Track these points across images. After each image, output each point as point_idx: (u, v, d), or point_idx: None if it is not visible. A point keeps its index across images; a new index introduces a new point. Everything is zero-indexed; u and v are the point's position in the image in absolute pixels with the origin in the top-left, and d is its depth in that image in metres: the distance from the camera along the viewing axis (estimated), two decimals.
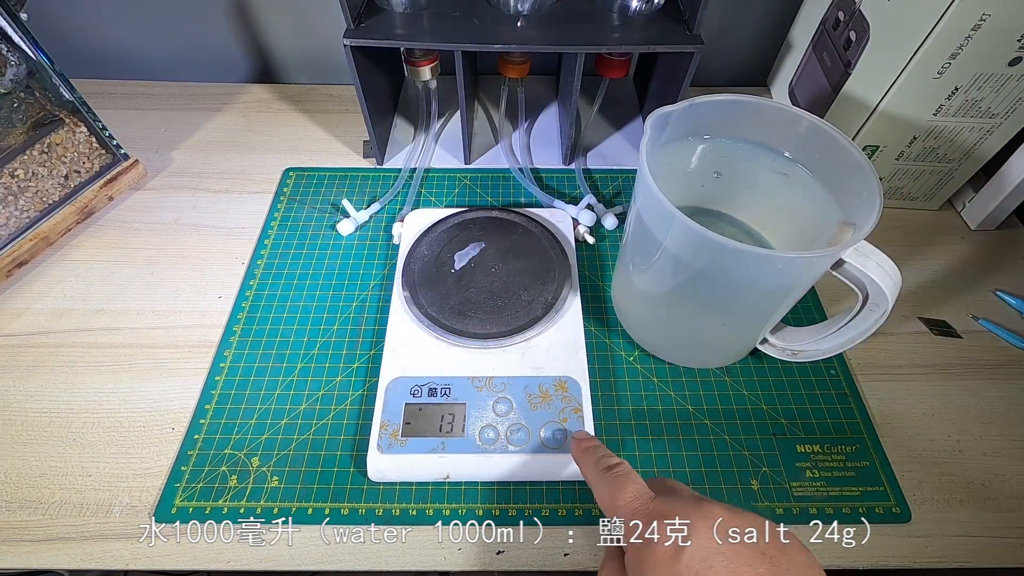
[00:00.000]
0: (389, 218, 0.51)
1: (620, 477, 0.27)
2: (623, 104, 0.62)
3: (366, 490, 0.36)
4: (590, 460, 0.30)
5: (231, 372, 0.41)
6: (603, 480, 0.28)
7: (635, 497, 0.26)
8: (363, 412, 0.39)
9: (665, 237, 0.33)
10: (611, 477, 0.28)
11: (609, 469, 0.28)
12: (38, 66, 0.44)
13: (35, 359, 0.42)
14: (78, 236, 0.49)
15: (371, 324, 0.44)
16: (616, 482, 0.27)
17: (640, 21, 0.46)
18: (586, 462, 0.30)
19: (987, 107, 0.43)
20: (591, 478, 0.29)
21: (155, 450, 0.38)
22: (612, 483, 0.27)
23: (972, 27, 0.38)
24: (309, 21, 0.61)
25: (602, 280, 0.47)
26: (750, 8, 0.60)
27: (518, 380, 0.38)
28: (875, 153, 0.48)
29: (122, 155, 0.52)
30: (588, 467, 0.30)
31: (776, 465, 0.37)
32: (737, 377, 0.41)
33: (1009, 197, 0.48)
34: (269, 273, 0.47)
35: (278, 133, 0.59)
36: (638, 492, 0.26)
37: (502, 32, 0.45)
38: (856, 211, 0.32)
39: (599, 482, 0.28)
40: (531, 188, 0.52)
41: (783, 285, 0.33)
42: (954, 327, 0.44)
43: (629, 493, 0.26)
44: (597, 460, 0.29)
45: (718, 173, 0.40)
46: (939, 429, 0.39)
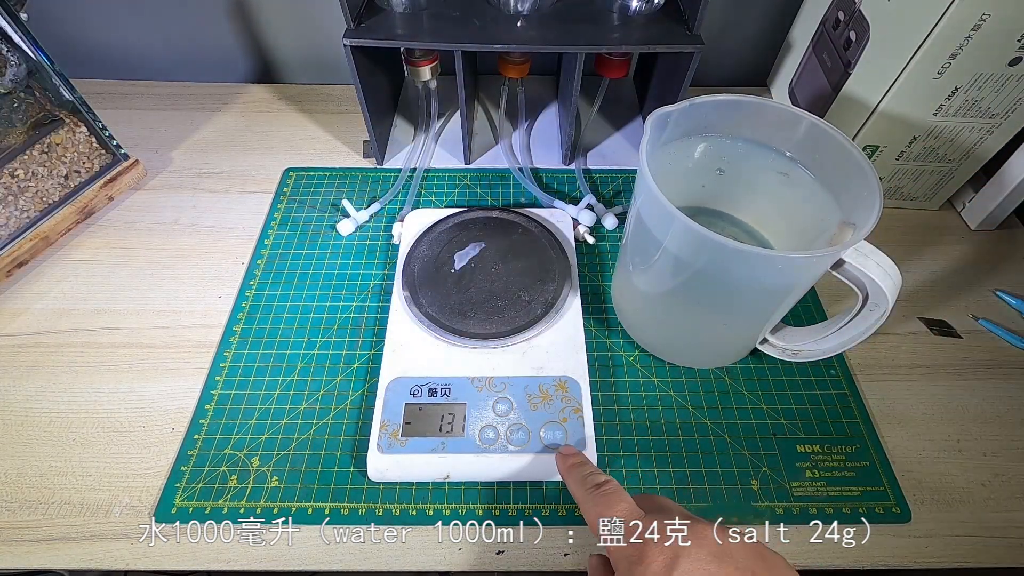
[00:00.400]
0: (389, 218, 0.51)
1: (608, 495, 0.27)
2: (623, 104, 0.62)
3: (366, 490, 0.36)
4: (576, 477, 0.30)
5: (231, 372, 0.41)
6: (591, 499, 0.28)
7: (625, 516, 0.26)
8: (363, 412, 0.39)
9: (665, 237, 0.33)
10: (599, 495, 0.27)
11: (597, 487, 0.28)
12: (38, 66, 0.44)
13: (35, 359, 0.42)
14: (78, 236, 0.49)
15: (371, 324, 0.44)
16: (604, 500, 0.27)
17: (640, 21, 0.46)
18: (573, 479, 0.30)
19: (987, 107, 0.43)
20: (578, 496, 0.29)
21: (155, 450, 0.38)
22: (600, 501, 0.27)
23: (972, 27, 0.38)
24: (309, 21, 0.61)
25: (602, 280, 0.47)
26: (750, 8, 0.60)
27: (518, 380, 0.38)
28: (875, 153, 0.48)
29: (122, 155, 0.52)
30: (575, 484, 0.30)
31: (776, 465, 0.37)
32: (737, 377, 0.41)
33: (1009, 197, 0.48)
34: (269, 273, 0.47)
35: (278, 133, 0.59)
36: (627, 511, 0.26)
37: (502, 32, 0.45)
38: (856, 211, 0.32)
39: (587, 500, 0.28)
40: (531, 188, 0.52)
41: (783, 285, 0.33)
42: (954, 327, 0.44)
43: (618, 512, 0.26)
44: (584, 478, 0.29)
45: (720, 170, 0.39)
46: (939, 429, 0.39)
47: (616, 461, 0.37)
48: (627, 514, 0.26)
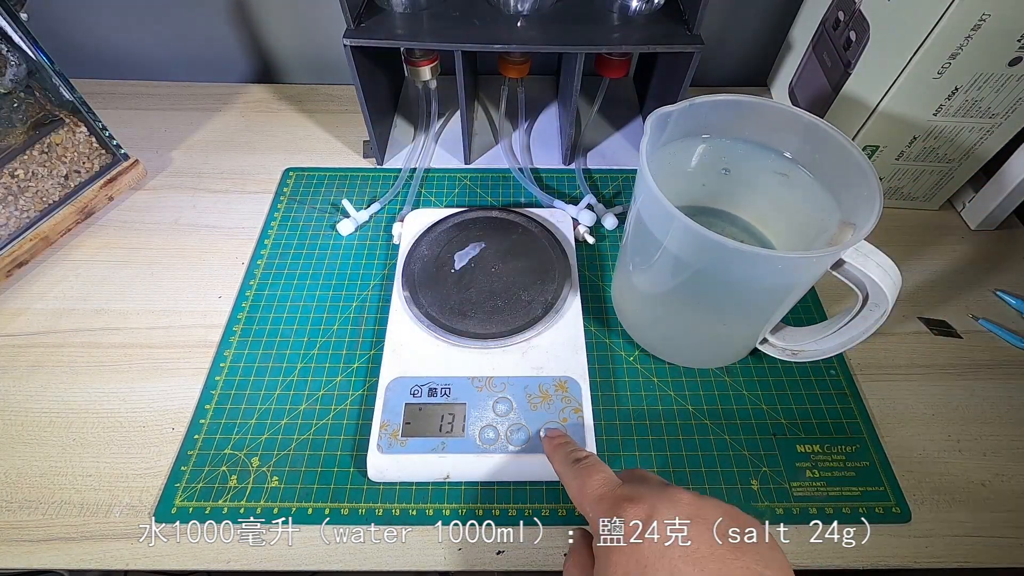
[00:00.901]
0: (389, 218, 0.51)
1: (588, 467, 0.28)
2: (623, 104, 0.62)
3: (366, 490, 0.36)
4: (560, 455, 0.31)
5: (231, 372, 0.41)
6: (572, 471, 0.29)
7: (601, 484, 0.27)
8: (363, 412, 0.39)
9: (665, 237, 0.33)
10: (579, 468, 0.29)
11: (577, 462, 0.29)
12: (38, 66, 0.44)
13: (35, 359, 0.42)
14: (78, 236, 0.49)
15: (371, 324, 0.44)
16: (584, 472, 0.28)
17: (640, 21, 0.46)
18: (556, 457, 0.31)
19: (987, 107, 0.43)
20: (561, 471, 0.30)
21: (155, 450, 0.38)
22: (580, 473, 0.28)
23: (972, 27, 0.38)
24: (309, 21, 0.61)
25: (602, 280, 0.47)
26: (750, 8, 0.60)
27: (518, 380, 0.38)
28: (875, 153, 0.48)
29: (122, 155, 0.52)
30: (558, 461, 0.31)
31: (776, 465, 0.37)
32: (737, 377, 0.41)
33: (1009, 197, 0.48)
34: (269, 273, 0.47)
35: (278, 133, 0.59)
36: (605, 479, 0.27)
37: (502, 32, 0.45)
38: (856, 211, 0.32)
39: (568, 473, 0.29)
40: (531, 188, 0.52)
41: (783, 285, 0.33)
42: (954, 327, 0.44)
43: (596, 480, 0.27)
44: (567, 455, 0.31)
45: (727, 169, 0.39)
46: (939, 429, 0.39)
47: (616, 461, 0.37)
48: (604, 482, 0.27)
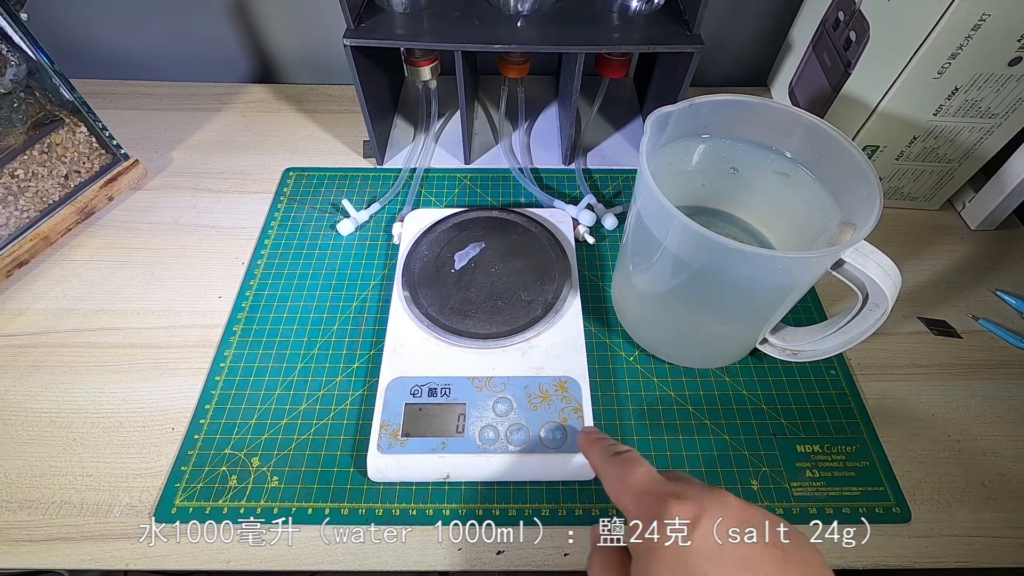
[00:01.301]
0: (389, 218, 0.51)
1: (630, 460, 0.27)
2: (623, 104, 0.62)
3: (366, 490, 0.36)
4: (598, 448, 0.29)
5: (231, 372, 0.41)
6: (611, 464, 0.27)
7: (645, 478, 0.25)
8: (363, 412, 0.39)
9: (665, 237, 0.33)
10: (620, 460, 0.27)
11: (618, 455, 0.28)
12: (38, 66, 0.44)
13: (35, 359, 0.42)
14: (78, 236, 0.49)
15: (371, 324, 0.44)
16: (625, 464, 0.27)
17: (640, 21, 0.46)
18: (594, 450, 0.30)
19: (987, 107, 0.43)
20: (599, 464, 0.29)
21: (155, 450, 0.38)
22: (621, 465, 0.27)
23: (972, 27, 0.38)
24: (309, 21, 0.61)
25: (602, 280, 0.47)
26: (750, 8, 0.60)
27: (518, 380, 0.38)
28: (875, 153, 0.48)
29: (122, 155, 0.52)
30: (596, 455, 0.29)
31: (776, 465, 0.37)
32: (737, 377, 0.41)
33: (1009, 197, 0.48)
34: (269, 273, 0.47)
35: (278, 133, 0.59)
36: (648, 474, 0.26)
37: (502, 32, 0.45)
38: (856, 211, 0.32)
39: (607, 465, 0.28)
40: (531, 188, 0.52)
41: (783, 285, 0.33)
42: (954, 327, 0.44)
43: (639, 474, 0.26)
44: (606, 447, 0.29)
45: (735, 169, 0.39)
46: (939, 429, 0.39)
47: None
48: (647, 477, 0.25)
